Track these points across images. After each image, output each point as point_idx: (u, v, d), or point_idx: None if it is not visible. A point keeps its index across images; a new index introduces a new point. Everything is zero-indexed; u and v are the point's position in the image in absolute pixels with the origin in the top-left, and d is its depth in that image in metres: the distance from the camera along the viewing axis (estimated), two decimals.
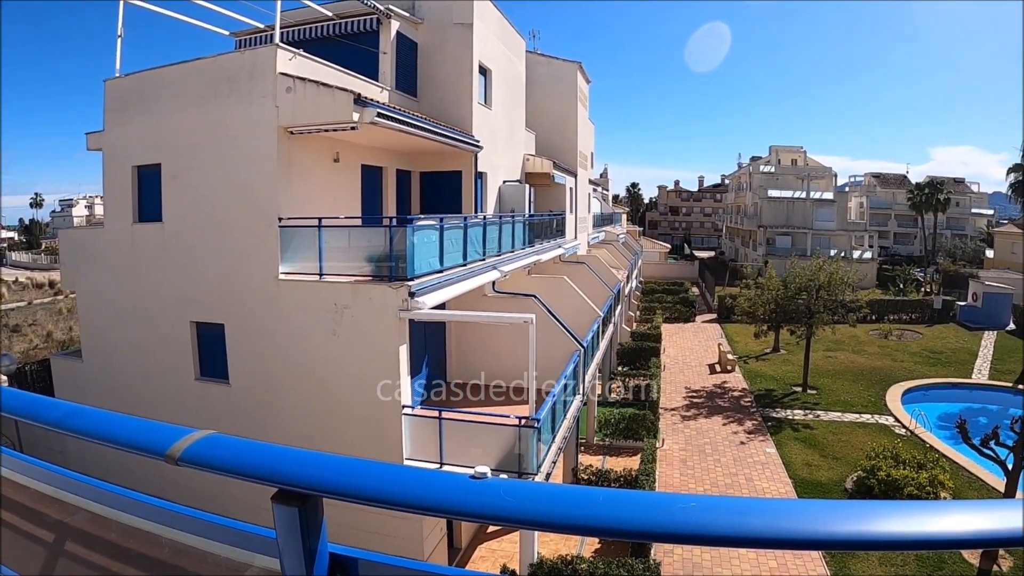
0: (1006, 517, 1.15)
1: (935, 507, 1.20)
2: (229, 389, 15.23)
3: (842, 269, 35.37)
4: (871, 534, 1.12)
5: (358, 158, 17.46)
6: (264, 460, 1.52)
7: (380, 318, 13.26)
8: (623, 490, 1.29)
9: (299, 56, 14.66)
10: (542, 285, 22.48)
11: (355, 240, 14.31)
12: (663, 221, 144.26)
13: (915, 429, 28.96)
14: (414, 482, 1.38)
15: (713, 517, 1.16)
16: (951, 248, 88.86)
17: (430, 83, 20.84)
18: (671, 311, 54.67)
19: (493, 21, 22.90)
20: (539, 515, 1.26)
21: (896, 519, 1.14)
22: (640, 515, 1.19)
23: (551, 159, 29.23)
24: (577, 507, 1.23)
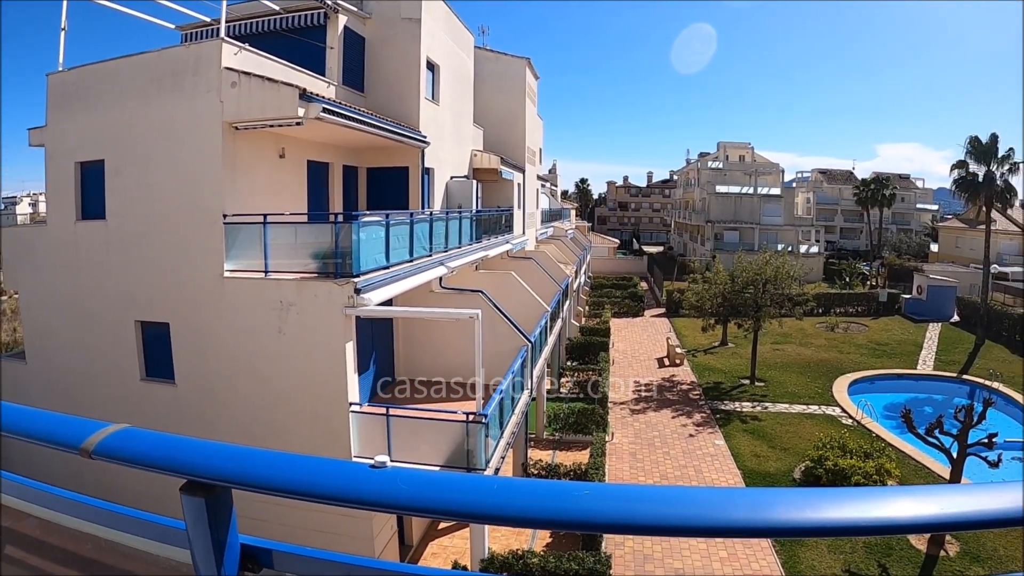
0: (952, 502, 1.20)
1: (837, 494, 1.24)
2: (175, 389, 15.00)
3: (788, 263, 36.04)
4: (756, 520, 1.16)
5: (304, 154, 17.32)
6: (173, 452, 1.52)
7: (326, 315, 13.20)
8: (519, 479, 1.34)
9: (245, 50, 14.50)
10: (489, 281, 22.53)
11: (301, 237, 14.18)
12: (612, 217, 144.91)
13: (862, 419, 29.64)
14: (315, 471, 1.40)
15: (605, 505, 1.21)
16: (896, 242, 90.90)
17: (377, 78, 20.74)
18: (620, 306, 55.04)
19: (441, 17, 22.85)
20: (433, 503, 1.29)
21: (789, 506, 1.17)
22: (532, 503, 1.23)
23: (499, 155, 29.26)
24: (471, 495, 1.27)
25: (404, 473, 1.34)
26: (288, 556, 1.55)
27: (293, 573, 1.58)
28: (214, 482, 1.46)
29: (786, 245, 70.61)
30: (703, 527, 1.18)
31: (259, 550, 1.56)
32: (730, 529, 1.17)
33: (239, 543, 1.56)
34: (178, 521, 1.59)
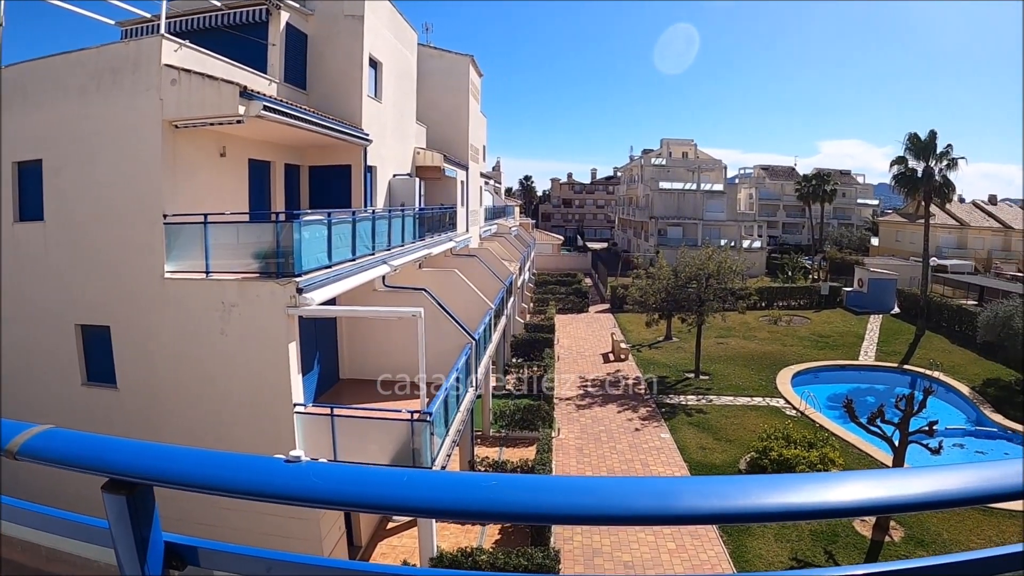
0: (896, 485, 1.28)
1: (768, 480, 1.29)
2: (117, 393, 14.67)
3: (731, 258, 36.76)
4: (659, 508, 1.23)
5: (246, 152, 17.09)
6: (95, 451, 1.53)
7: (269, 315, 13.10)
8: (430, 471, 1.39)
9: (185, 47, 14.28)
10: (433, 279, 22.55)
11: (243, 237, 14.02)
12: (556, 213, 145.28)
13: (805, 410, 30.33)
14: (232, 467, 1.41)
15: (511, 495, 1.26)
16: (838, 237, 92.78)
17: (320, 76, 20.56)
18: (564, 302, 55.26)
19: (384, 14, 22.74)
20: (345, 495, 1.34)
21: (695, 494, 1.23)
22: (441, 494, 1.29)
23: (442, 152, 29.23)
24: (382, 487, 1.31)
25: (317, 467, 1.38)
26: (213, 553, 1.56)
27: (218, 570, 1.59)
28: (135, 480, 1.48)
29: (729, 240, 71.77)
30: (608, 516, 1.23)
31: (184, 548, 1.58)
32: (636, 517, 1.23)
33: (163, 541, 1.57)
34: (102, 521, 1.59)
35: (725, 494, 1.25)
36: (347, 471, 1.42)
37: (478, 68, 37.89)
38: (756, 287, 45.98)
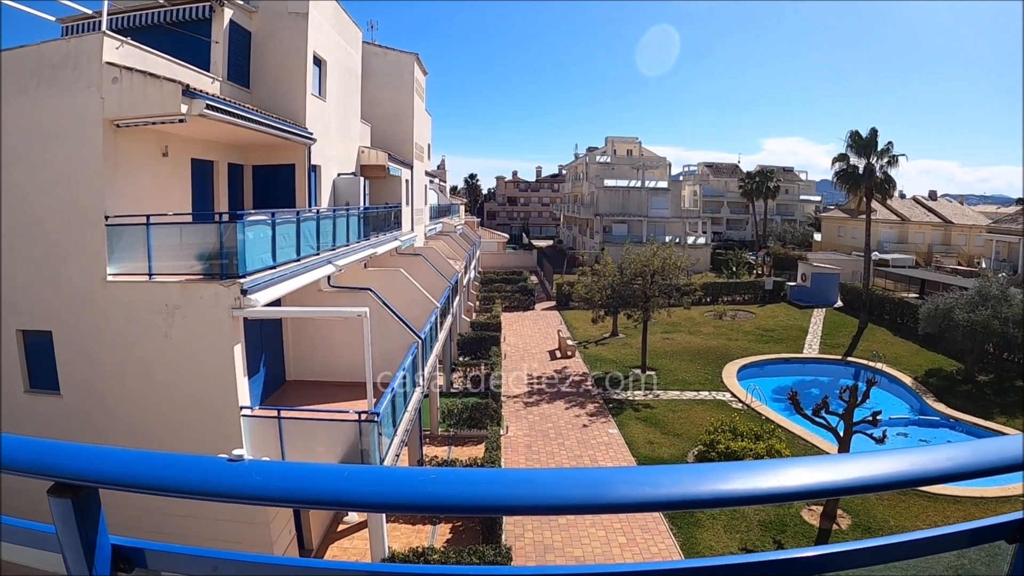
0: (842, 470, 1.36)
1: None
2: (61, 400, 14.27)
3: (676, 254, 37.13)
4: (588, 498, 1.30)
5: (188, 152, 16.80)
6: (39, 455, 1.53)
7: (213, 317, 12.95)
8: (370, 466, 1.44)
9: (127, 44, 14.00)
10: (378, 278, 22.52)
11: (186, 238, 13.81)
12: (501, 211, 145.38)
13: (751, 403, 30.93)
14: (176, 468, 1.43)
15: (449, 488, 1.31)
16: (781, 232, 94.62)
17: (263, 74, 20.29)
18: (510, 300, 55.43)
19: (329, 11, 22.55)
20: (287, 492, 1.37)
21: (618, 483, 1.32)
22: (381, 488, 1.33)
23: (387, 151, 29.13)
24: (323, 484, 1.35)
25: (259, 465, 1.41)
26: (160, 554, 1.57)
27: (165, 570, 1.60)
28: (79, 483, 1.48)
29: (674, 237, 72.66)
30: (542, 505, 1.30)
31: (131, 550, 1.58)
32: (569, 507, 1.31)
33: (110, 543, 1.57)
34: (49, 525, 1.59)
35: (656, 483, 1.31)
36: (289, 468, 1.46)
37: (423, 66, 37.82)
38: (701, 283, 46.68)
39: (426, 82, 40.23)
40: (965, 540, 1.55)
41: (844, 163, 49.22)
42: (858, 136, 48.61)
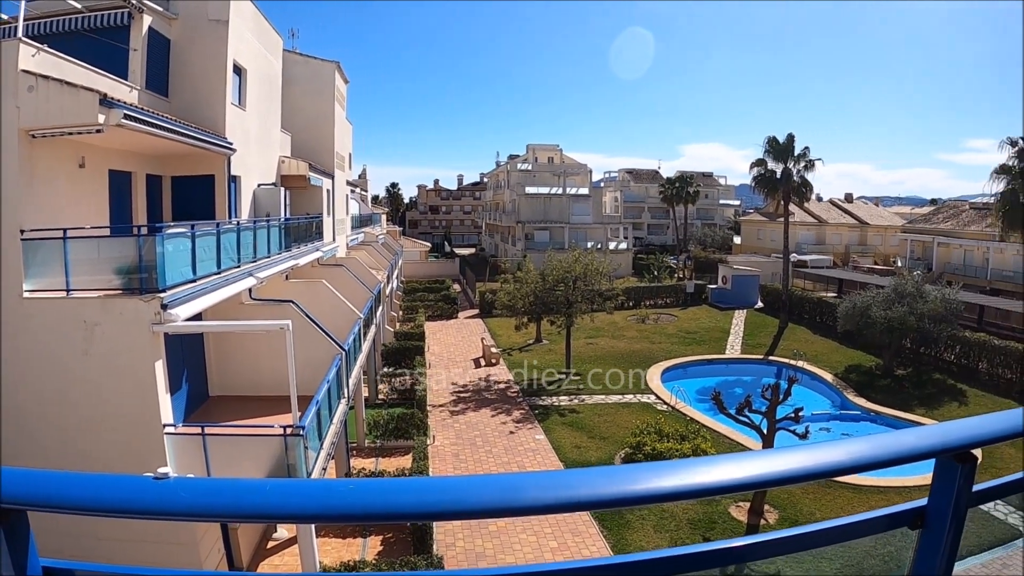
0: (763, 464, 1.45)
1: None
2: None
3: (597, 260, 37.70)
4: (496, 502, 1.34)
5: (106, 163, 16.28)
6: None
7: (133, 333, 12.64)
8: (294, 479, 1.48)
9: (44, 52, 13.60)
10: (300, 290, 22.31)
11: (104, 252, 13.43)
12: (423, 220, 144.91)
13: (676, 404, 31.54)
14: (102, 488, 1.45)
15: (366, 498, 1.36)
16: (702, 236, 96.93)
17: (182, 82, 19.82)
18: (434, 309, 55.21)
19: (250, 18, 22.26)
20: (213, 507, 1.40)
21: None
22: (302, 500, 1.37)
23: (307, 161, 28.89)
24: (246, 497, 1.37)
25: (185, 482, 1.42)
26: (90, 574, 1.59)
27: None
28: (7, 506, 1.46)
29: (595, 243, 73.56)
30: (455, 511, 1.37)
31: (61, 571, 1.56)
32: (481, 511, 1.37)
33: (40, 566, 1.55)
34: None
35: (567, 485, 1.38)
36: (214, 484, 1.47)
37: (344, 74, 37.61)
38: (623, 287, 47.52)
39: (347, 90, 39.99)
40: (872, 527, 1.69)
41: (762, 168, 50.53)
42: (775, 141, 50.02)
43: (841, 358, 40.10)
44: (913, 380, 35.61)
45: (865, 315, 36.70)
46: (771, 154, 50.23)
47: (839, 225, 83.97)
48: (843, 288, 56.93)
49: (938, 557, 1.67)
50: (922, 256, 67.72)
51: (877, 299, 37.12)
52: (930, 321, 35.41)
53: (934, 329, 35.82)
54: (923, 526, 1.68)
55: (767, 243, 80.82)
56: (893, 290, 37.27)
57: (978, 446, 1.61)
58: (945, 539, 1.66)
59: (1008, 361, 35.50)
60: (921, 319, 35.17)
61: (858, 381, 35.77)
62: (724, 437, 27.06)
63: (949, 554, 1.67)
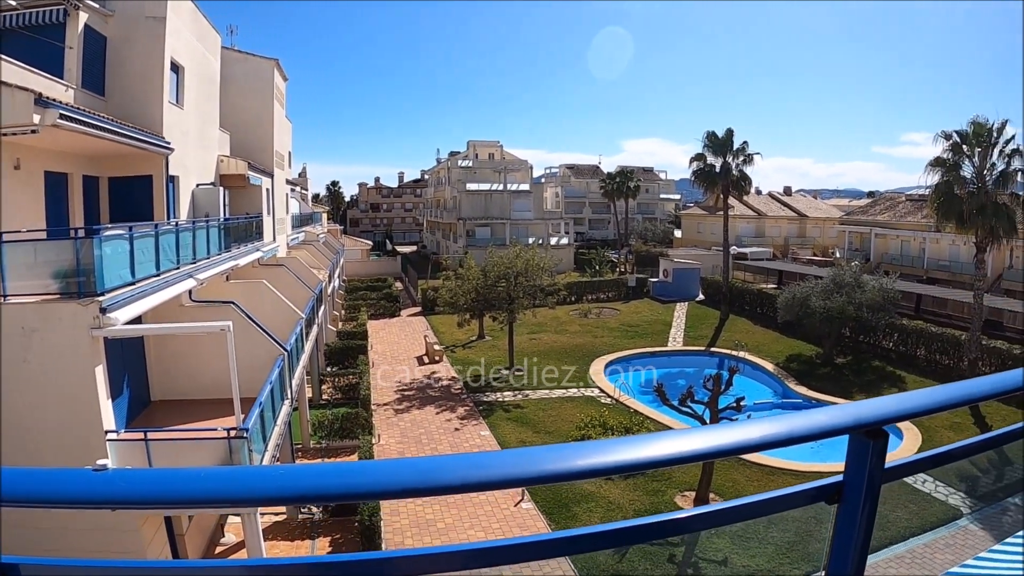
0: (705, 439, 1.53)
1: None
2: None
3: (538, 256, 37.93)
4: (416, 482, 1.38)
5: (41, 164, 15.91)
6: None
7: (72, 338, 12.39)
8: (232, 467, 1.50)
9: None
10: (241, 291, 22.13)
11: (41, 255, 13.08)
12: (365, 218, 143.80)
13: (619, 397, 31.94)
14: (44, 481, 1.49)
15: (298, 481, 1.38)
16: (642, 230, 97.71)
17: (119, 81, 19.39)
18: (376, 307, 54.89)
19: (187, 15, 21.92)
20: (151, 495, 1.42)
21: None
22: (237, 485, 1.40)
23: (246, 160, 28.57)
24: (184, 485, 1.39)
25: (124, 472, 1.45)
26: (37, 567, 1.61)
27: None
28: None
29: (537, 238, 73.86)
30: (379, 491, 1.39)
31: (7, 566, 1.53)
32: (403, 491, 1.38)
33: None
34: None
35: (486, 465, 1.42)
36: (151, 473, 1.49)
37: (283, 72, 37.20)
38: (565, 282, 47.83)
39: (286, 88, 39.59)
40: (795, 501, 1.78)
41: (702, 162, 51.38)
42: (714, 136, 51.01)
43: (782, 348, 41.15)
44: (853, 368, 36.91)
45: (805, 305, 37.74)
46: (710, 149, 51.18)
47: (778, 218, 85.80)
48: (783, 279, 58.19)
49: (855, 530, 1.76)
50: (860, 247, 69.53)
51: (816, 290, 38.19)
52: (868, 310, 36.63)
53: (872, 318, 37.07)
54: (840, 501, 1.78)
55: (707, 236, 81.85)
56: (832, 280, 38.42)
57: (887, 423, 1.73)
58: (860, 513, 1.75)
59: (945, 347, 37.02)
60: (860, 308, 36.38)
61: (799, 370, 36.77)
62: (667, 428, 27.24)
63: (866, 528, 1.76)
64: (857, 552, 1.78)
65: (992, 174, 33.10)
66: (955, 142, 33.49)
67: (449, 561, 1.49)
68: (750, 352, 39.60)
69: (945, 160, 33.69)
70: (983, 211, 32.32)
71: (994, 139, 32.93)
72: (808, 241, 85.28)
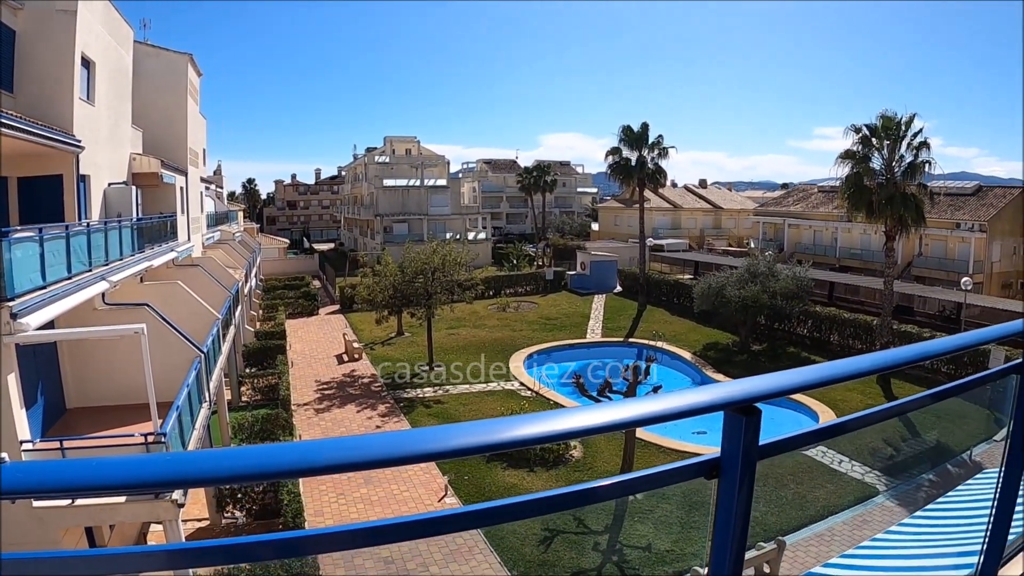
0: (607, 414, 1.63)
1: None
2: None
3: (455, 251, 38.04)
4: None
5: None
6: None
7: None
8: (126, 456, 1.50)
9: None
10: (156, 292, 21.73)
11: None
12: (281, 216, 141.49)
13: (539, 390, 32.28)
14: None
15: (194, 465, 1.42)
16: (560, 224, 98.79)
17: (28, 77, 18.59)
18: (294, 306, 54.16)
19: (99, 9, 21.27)
20: (50, 483, 1.41)
21: None
22: (137, 471, 1.38)
23: (160, 158, 27.88)
24: (81, 472, 1.37)
25: (23, 465, 1.40)
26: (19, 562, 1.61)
27: None
28: None
29: (454, 233, 73.68)
30: (279, 471, 1.44)
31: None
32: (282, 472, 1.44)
33: None
34: None
35: (362, 446, 1.46)
36: (48, 465, 1.46)
37: (197, 67, 36.43)
38: (483, 277, 48.26)
39: (201, 84, 38.78)
40: (679, 475, 1.86)
41: (617, 156, 52.15)
42: (630, 131, 51.86)
43: (699, 337, 42.22)
44: (768, 354, 38.21)
45: (720, 295, 38.80)
46: (626, 143, 52.07)
47: (694, 210, 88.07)
48: (699, 270, 59.46)
49: (734, 504, 1.85)
50: (774, 237, 71.85)
51: (731, 279, 39.26)
52: (782, 298, 37.91)
53: (786, 305, 38.42)
54: (719, 476, 1.87)
55: (624, 229, 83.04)
56: (747, 270, 39.54)
57: (758, 401, 1.82)
58: (737, 487, 1.84)
59: (857, 332, 38.73)
60: (774, 297, 37.59)
61: (716, 358, 37.83)
62: None
63: (745, 502, 1.86)
64: (738, 525, 1.88)
65: (900, 166, 34.41)
66: (864, 135, 34.69)
67: (354, 539, 1.53)
68: (668, 342, 40.31)
69: (855, 153, 34.87)
70: (892, 201, 33.57)
71: (902, 132, 34.18)
72: (723, 232, 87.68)
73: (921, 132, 34.15)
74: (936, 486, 23.04)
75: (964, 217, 53.68)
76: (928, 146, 34.05)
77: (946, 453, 25.82)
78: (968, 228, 53.09)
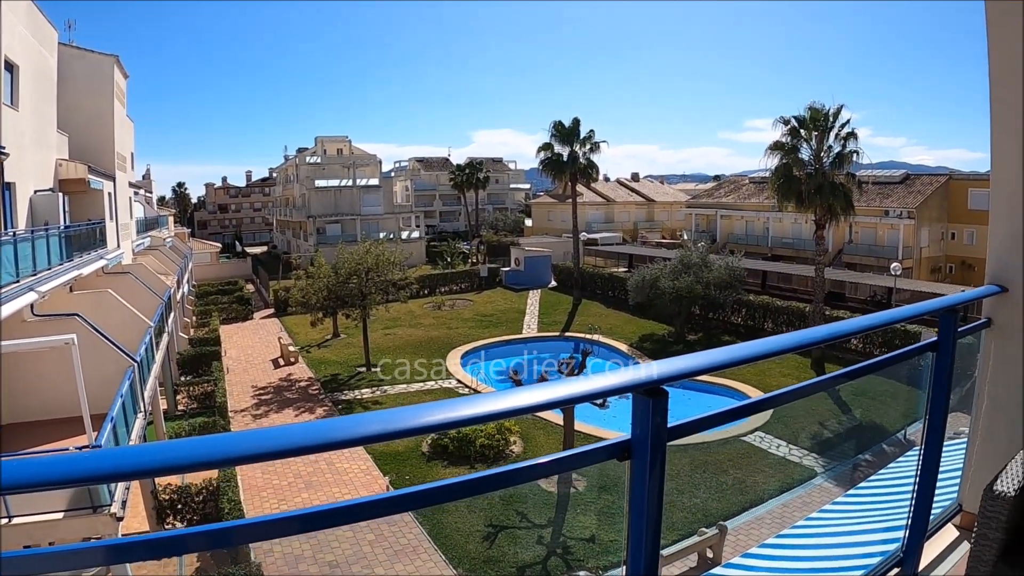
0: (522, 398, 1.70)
1: None
2: None
3: (389, 250, 38.00)
4: None
5: None
6: None
7: None
8: (49, 457, 1.49)
9: None
10: (86, 302, 21.28)
11: None
12: (213, 220, 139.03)
13: (477, 387, 32.58)
14: None
15: (129, 459, 1.44)
16: (494, 221, 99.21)
17: None
18: (228, 311, 53.24)
19: (22, 10, 20.77)
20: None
21: None
22: (50, 470, 1.35)
23: (87, 163, 27.36)
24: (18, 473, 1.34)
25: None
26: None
27: None
28: None
29: (388, 233, 73.38)
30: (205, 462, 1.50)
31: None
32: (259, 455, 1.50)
33: None
34: None
35: (272, 437, 1.51)
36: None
37: (124, 69, 35.65)
38: (417, 276, 48.10)
39: (127, 86, 37.99)
40: (594, 457, 1.94)
41: (549, 151, 52.48)
42: (561, 126, 52.20)
43: (635, 329, 42.77)
44: (704, 344, 38.76)
45: (655, 287, 39.46)
46: (557, 138, 52.33)
47: (627, 203, 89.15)
48: (633, 263, 60.51)
49: (646, 485, 1.93)
50: (706, 228, 73.21)
51: (665, 271, 39.95)
52: (716, 288, 38.75)
53: (720, 295, 39.24)
54: (631, 457, 1.94)
55: (558, 224, 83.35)
56: (680, 262, 40.26)
57: (664, 383, 1.89)
58: (648, 468, 1.90)
59: (791, 319, 39.82)
60: (708, 287, 38.42)
61: (652, 349, 38.34)
62: None
63: (657, 483, 1.93)
64: (653, 505, 1.95)
65: (829, 156, 35.20)
66: (793, 127, 35.43)
67: (288, 526, 1.58)
68: (604, 334, 40.76)
69: (784, 144, 35.59)
70: (821, 191, 34.35)
71: (830, 123, 34.94)
72: (656, 225, 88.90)
73: (849, 123, 35.02)
74: (872, 465, 23.78)
75: (893, 205, 55.37)
76: (856, 136, 34.86)
77: (882, 433, 26.63)
78: (897, 215, 54.89)
